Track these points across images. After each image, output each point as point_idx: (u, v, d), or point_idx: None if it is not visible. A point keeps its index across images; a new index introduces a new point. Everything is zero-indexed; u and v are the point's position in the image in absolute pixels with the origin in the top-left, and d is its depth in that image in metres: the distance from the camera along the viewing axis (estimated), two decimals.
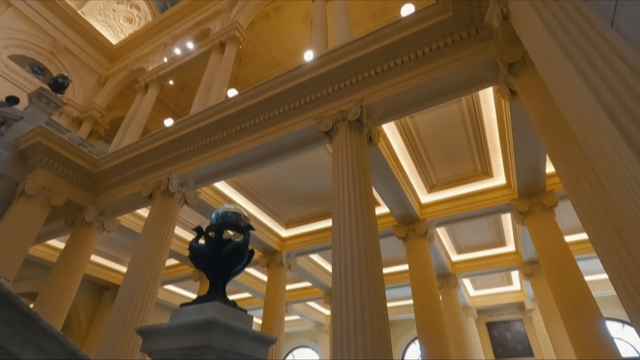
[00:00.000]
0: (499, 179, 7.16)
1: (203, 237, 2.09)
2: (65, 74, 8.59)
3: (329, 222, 7.75)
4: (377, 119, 5.21)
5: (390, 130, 6.20)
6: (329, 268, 10.59)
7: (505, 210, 7.37)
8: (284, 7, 10.19)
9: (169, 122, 9.80)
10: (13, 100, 7.36)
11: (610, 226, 2.65)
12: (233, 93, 7.38)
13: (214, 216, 2.15)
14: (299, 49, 10.82)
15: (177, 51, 10.49)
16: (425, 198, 7.76)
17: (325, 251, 9.19)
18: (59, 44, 11.70)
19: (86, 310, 11.51)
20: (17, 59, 10.64)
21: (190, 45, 10.24)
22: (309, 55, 7.57)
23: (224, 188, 7.63)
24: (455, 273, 10.17)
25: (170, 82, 10.86)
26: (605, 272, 2.64)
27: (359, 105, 4.93)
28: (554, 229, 6.43)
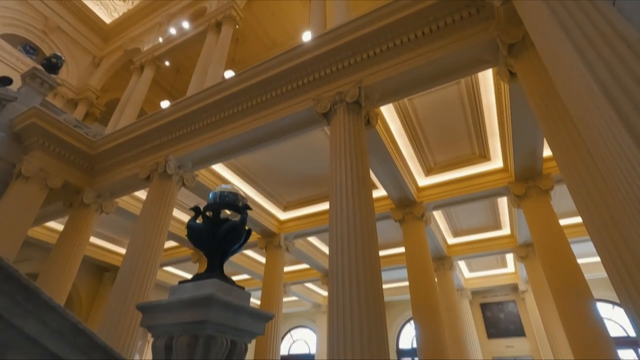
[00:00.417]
0: (496, 162, 7.18)
1: (200, 217, 2.10)
2: (59, 54, 8.43)
3: (326, 205, 7.80)
4: (376, 101, 5.17)
5: (388, 112, 6.16)
6: (327, 250, 10.71)
7: (501, 194, 7.42)
8: None
9: (165, 104, 9.68)
10: (6, 80, 7.24)
11: (605, 210, 2.68)
12: (230, 75, 7.26)
13: (211, 196, 2.16)
14: (297, 30, 10.61)
15: (173, 31, 10.27)
16: (423, 181, 7.79)
17: (323, 234, 9.28)
18: (51, 22, 11.42)
19: (87, 291, 11.68)
20: (9, 38, 10.39)
21: (185, 24, 10.01)
22: (307, 36, 7.43)
23: (222, 170, 7.63)
24: (451, 255, 10.32)
25: (166, 63, 10.68)
26: (597, 255, 2.68)
27: (357, 87, 4.89)
28: (549, 212, 6.49)
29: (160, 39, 10.41)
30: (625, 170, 1.70)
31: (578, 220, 8.10)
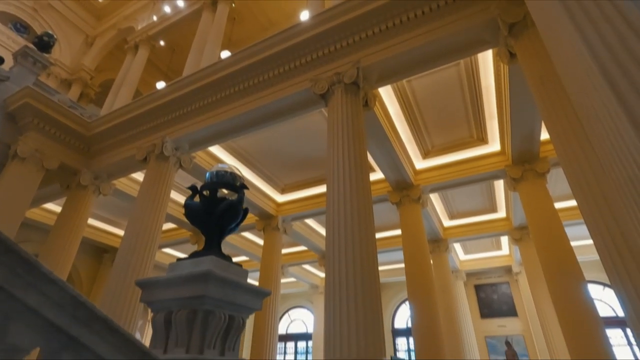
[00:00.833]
0: (493, 146, 7.18)
1: (198, 196, 2.11)
2: (50, 32, 8.23)
3: (324, 188, 7.80)
4: (374, 82, 5.12)
5: (386, 94, 6.11)
6: (324, 232, 10.81)
7: (498, 177, 7.45)
8: None
9: (161, 85, 9.54)
10: None
11: (599, 193, 2.71)
12: (227, 55, 7.13)
13: (208, 175, 2.16)
14: (295, 9, 10.36)
15: (167, 9, 10.01)
16: (420, 164, 7.80)
17: (320, 216, 9.34)
18: None
19: (87, 272, 11.81)
20: None
21: (180, 2, 9.76)
22: (305, 16, 7.26)
23: (219, 152, 7.60)
24: (447, 238, 10.45)
25: (161, 43, 10.47)
26: (591, 238, 2.73)
27: (355, 68, 4.82)
28: (545, 195, 6.55)
29: (155, 18, 10.17)
30: (620, 151, 1.70)
31: (573, 203, 8.19)
